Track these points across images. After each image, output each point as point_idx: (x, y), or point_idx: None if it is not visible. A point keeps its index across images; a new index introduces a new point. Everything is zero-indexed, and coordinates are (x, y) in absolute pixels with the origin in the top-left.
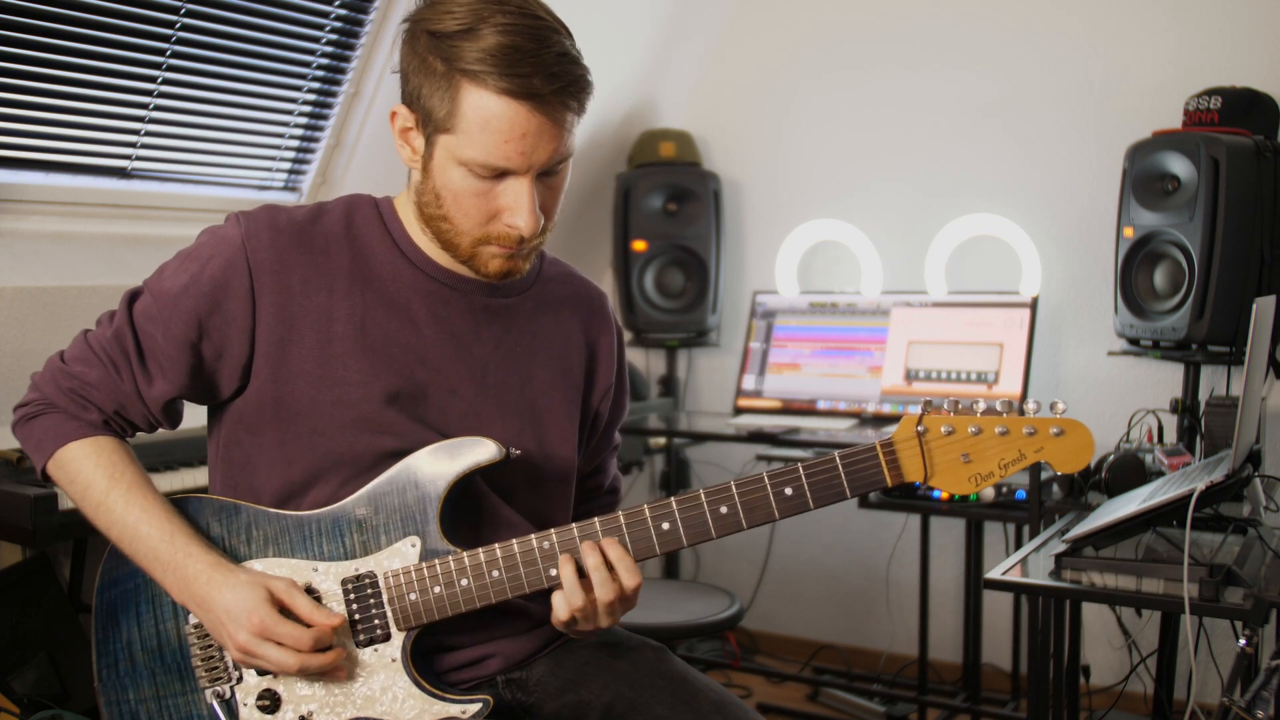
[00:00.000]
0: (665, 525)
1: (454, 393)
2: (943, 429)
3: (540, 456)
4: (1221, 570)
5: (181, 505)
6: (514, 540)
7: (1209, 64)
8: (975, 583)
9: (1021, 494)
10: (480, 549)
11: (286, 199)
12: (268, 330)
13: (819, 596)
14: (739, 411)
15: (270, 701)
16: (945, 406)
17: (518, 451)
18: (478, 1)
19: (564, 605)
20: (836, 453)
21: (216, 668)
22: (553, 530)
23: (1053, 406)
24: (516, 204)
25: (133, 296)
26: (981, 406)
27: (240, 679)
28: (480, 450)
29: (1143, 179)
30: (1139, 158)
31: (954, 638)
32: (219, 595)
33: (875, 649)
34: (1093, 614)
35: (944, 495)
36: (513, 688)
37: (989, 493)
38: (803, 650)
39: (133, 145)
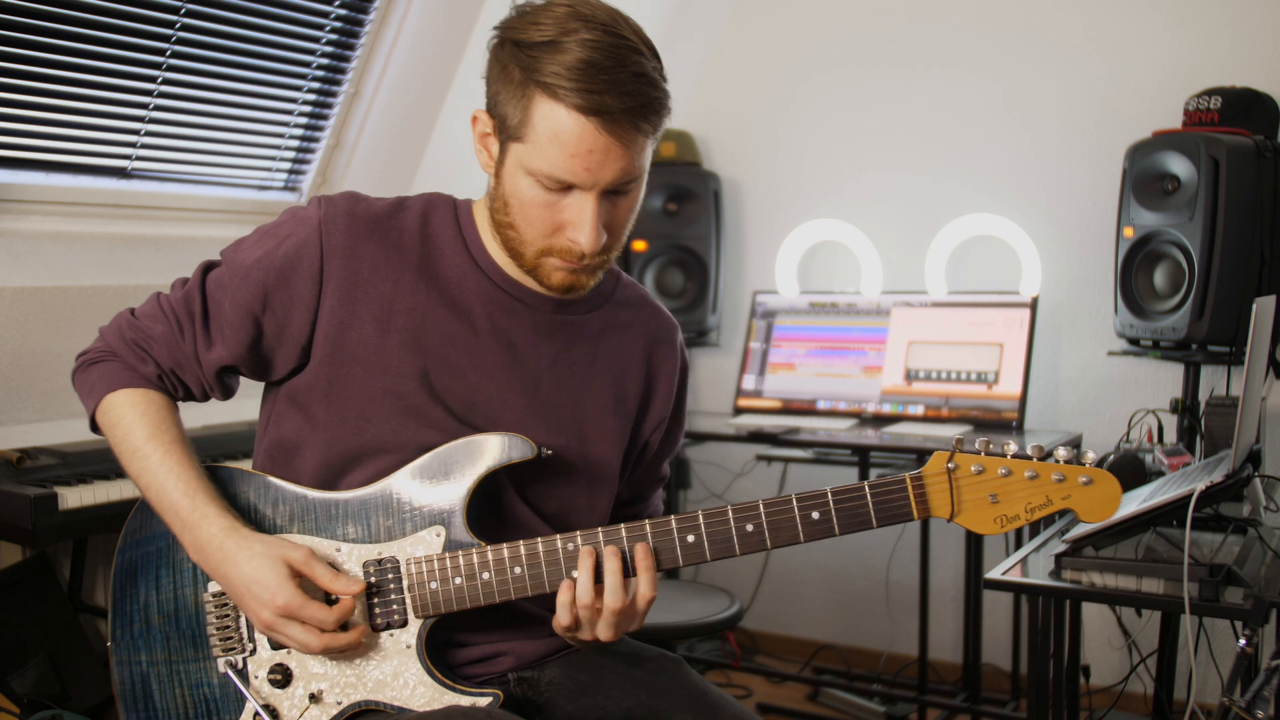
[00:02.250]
0: (690, 538)
1: (504, 402)
2: (973, 468)
3: (580, 475)
4: (1221, 570)
5: (214, 473)
6: (538, 539)
7: (1209, 64)
8: (975, 583)
9: None
10: (504, 544)
11: (286, 199)
12: (330, 313)
13: (819, 596)
14: (739, 411)
15: (281, 676)
16: (977, 446)
17: (549, 451)
18: (567, 17)
19: (568, 608)
20: (866, 482)
21: (231, 637)
22: (578, 532)
23: (1081, 456)
24: (579, 219)
25: (209, 266)
26: (1013, 449)
27: (254, 650)
28: (514, 446)
29: (1143, 179)
30: (1139, 158)
31: (954, 638)
32: (237, 569)
33: (875, 649)
34: (1093, 614)
35: None
36: (524, 686)
37: None
38: (803, 650)
39: (133, 145)
